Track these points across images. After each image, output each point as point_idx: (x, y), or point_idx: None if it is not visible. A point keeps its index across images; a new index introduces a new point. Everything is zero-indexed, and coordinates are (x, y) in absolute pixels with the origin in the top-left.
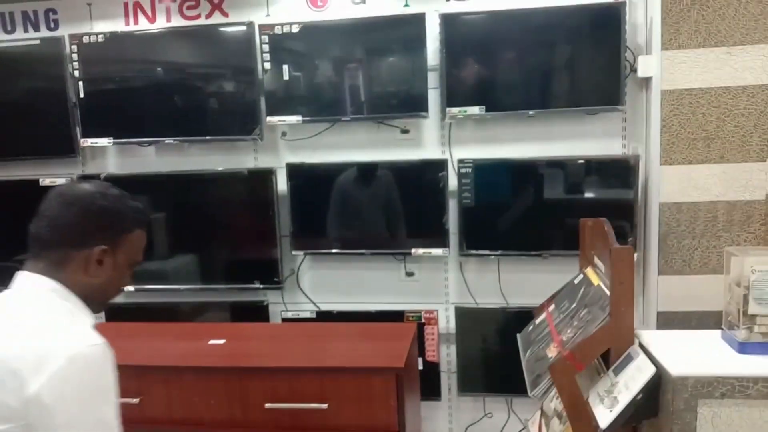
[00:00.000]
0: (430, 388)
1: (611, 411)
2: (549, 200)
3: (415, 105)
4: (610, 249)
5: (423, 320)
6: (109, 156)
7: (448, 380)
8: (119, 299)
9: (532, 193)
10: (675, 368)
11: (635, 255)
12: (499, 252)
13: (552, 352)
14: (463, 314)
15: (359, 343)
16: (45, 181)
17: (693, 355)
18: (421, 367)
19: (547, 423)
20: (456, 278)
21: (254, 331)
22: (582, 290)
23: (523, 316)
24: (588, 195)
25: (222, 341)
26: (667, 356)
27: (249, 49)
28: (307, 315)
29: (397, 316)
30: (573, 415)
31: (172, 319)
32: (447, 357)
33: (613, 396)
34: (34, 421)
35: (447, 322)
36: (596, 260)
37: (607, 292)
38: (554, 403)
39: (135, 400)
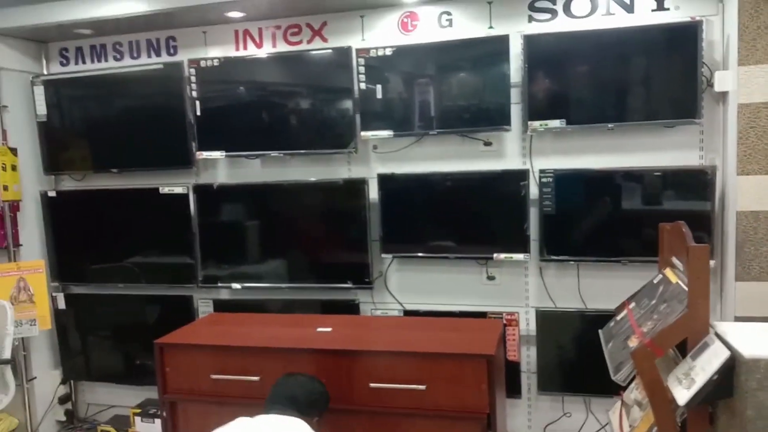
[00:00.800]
0: (511, 387)
1: (688, 390)
2: (627, 209)
3: (498, 119)
4: (688, 247)
5: (504, 321)
6: (220, 167)
7: (527, 380)
8: (225, 295)
9: (610, 202)
10: (748, 351)
11: (712, 262)
12: (578, 258)
13: (633, 342)
14: (543, 317)
15: (451, 333)
16: (164, 189)
17: (765, 341)
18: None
19: (627, 412)
20: (536, 282)
21: (355, 321)
22: (661, 288)
23: (601, 320)
24: (666, 205)
25: (329, 329)
26: (741, 342)
27: (346, 71)
28: (395, 314)
29: (479, 317)
30: (653, 397)
31: None
32: (527, 357)
33: (691, 378)
34: None
35: (527, 324)
36: (675, 261)
37: (685, 288)
38: (634, 393)
39: (256, 378)
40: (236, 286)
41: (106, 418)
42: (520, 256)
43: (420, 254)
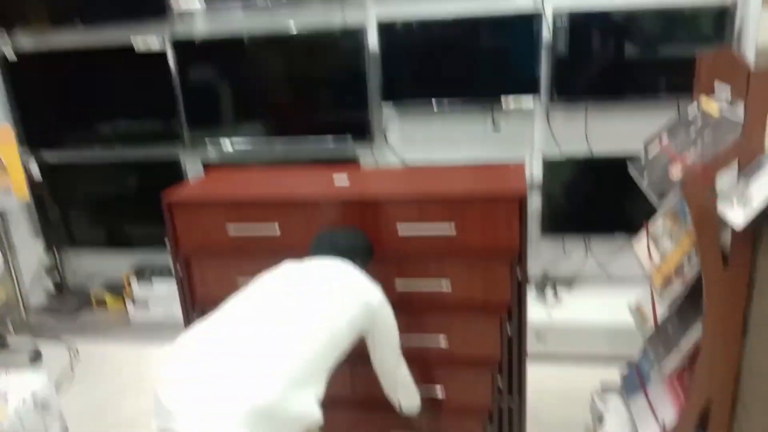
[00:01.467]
0: None
1: (743, 211)
2: (640, 50)
3: None
4: (749, 72)
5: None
6: (198, 20)
7: (530, 224)
8: (215, 156)
9: (624, 42)
10: None
11: None
12: (587, 100)
13: (676, 169)
14: (548, 164)
15: (475, 178)
16: (140, 47)
17: None
18: None
19: (655, 242)
20: (542, 129)
21: (371, 171)
22: (701, 122)
23: (607, 164)
24: (683, 43)
25: (345, 177)
26: None
27: None
28: None
29: None
30: (701, 227)
31: None
32: (531, 204)
33: (746, 198)
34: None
35: (532, 172)
36: (717, 91)
37: (733, 119)
38: (662, 223)
39: (276, 230)
40: (227, 143)
41: (96, 285)
42: (528, 99)
43: (423, 102)
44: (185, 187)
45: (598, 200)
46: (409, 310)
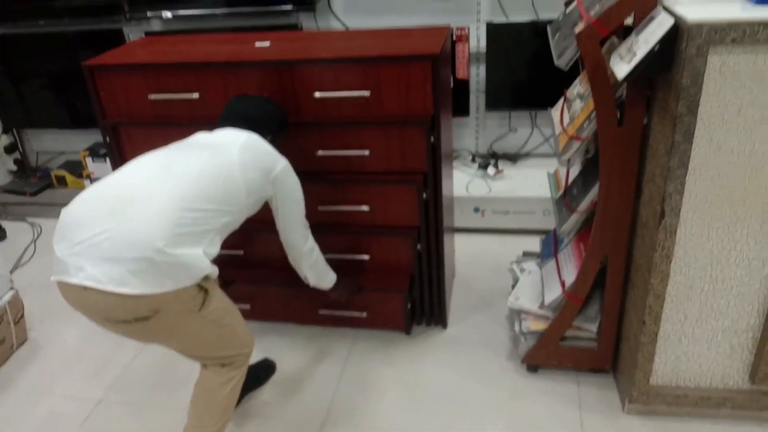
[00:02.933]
0: (460, 106)
1: (629, 64)
2: None
3: None
4: None
5: (454, 37)
6: None
7: (476, 99)
8: (157, 26)
9: None
10: (691, 16)
11: None
12: None
13: (580, 27)
14: (493, 30)
15: (397, 40)
16: None
17: (711, 8)
18: (451, 85)
19: (568, 106)
20: None
21: (295, 35)
22: None
23: None
24: None
25: (267, 43)
26: (687, 11)
27: None
28: None
29: None
30: (594, 78)
31: None
32: (476, 77)
33: (633, 52)
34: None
35: (477, 41)
36: None
37: None
38: (577, 88)
39: (195, 95)
40: (167, 14)
41: (57, 164)
42: None
43: None
44: (109, 53)
45: (545, 70)
46: (330, 180)
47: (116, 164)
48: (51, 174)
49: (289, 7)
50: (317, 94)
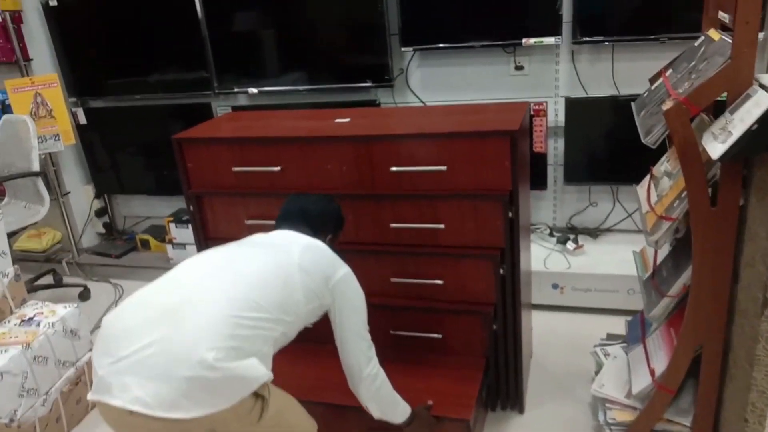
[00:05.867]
0: (537, 179)
1: (724, 144)
2: None
3: None
4: None
5: (532, 112)
6: None
7: (554, 172)
8: (243, 101)
9: None
10: None
11: (761, 35)
12: (614, 38)
13: (667, 105)
14: (572, 105)
15: (474, 116)
16: None
17: None
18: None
19: (656, 184)
20: (567, 69)
21: (375, 111)
22: (702, 50)
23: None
24: None
25: (347, 119)
26: None
27: None
28: None
29: None
30: (684, 157)
31: None
32: (554, 150)
33: (728, 131)
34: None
35: (556, 115)
36: (721, 15)
37: (729, 40)
38: (664, 165)
39: (276, 168)
40: (253, 90)
41: (142, 228)
42: (551, 40)
43: (442, 45)
44: (197, 128)
45: (626, 145)
46: (402, 254)
47: (198, 232)
48: (136, 237)
49: (368, 83)
50: (393, 169)
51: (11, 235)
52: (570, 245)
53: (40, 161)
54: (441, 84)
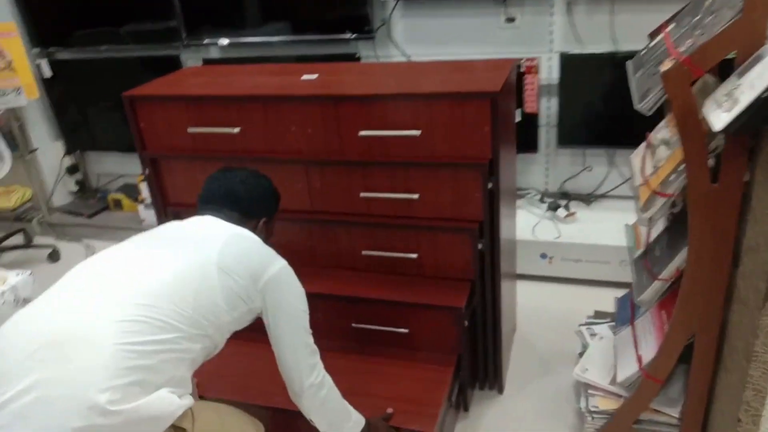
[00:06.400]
0: (528, 141)
1: (729, 113)
2: None
3: None
4: None
5: (523, 69)
6: None
7: (546, 134)
8: (215, 54)
9: None
10: None
11: None
12: None
13: (667, 66)
14: (568, 61)
15: (456, 74)
16: None
17: None
18: (519, 118)
19: (652, 153)
20: (562, 22)
21: (346, 67)
22: (709, 0)
23: None
24: None
25: (314, 76)
26: None
27: None
28: None
29: None
30: (684, 127)
31: None
32: (547, 110)
33: (734, 98)
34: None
35: (549, 72)
36: None
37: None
38: (662, 132)
39: (235, 130)
40: (224, 41)
41: (116, 187)
42: None
43: None
44: (152, 83)
45: (625, 106)
46: (375, 225)
47: (156, 199)
48: (108, 197)
49: (347, 35)
50: (362, 133)
51: None
52: (561, 212)
53: (2, 116)
54: (426, 37)
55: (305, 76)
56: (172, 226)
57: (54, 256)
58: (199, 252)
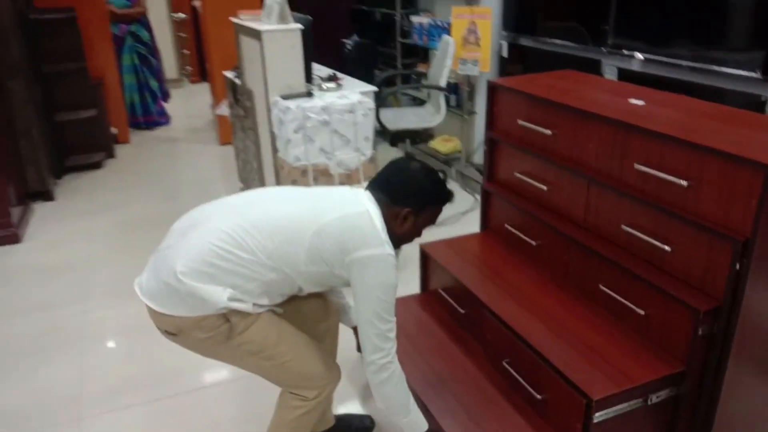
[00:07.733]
0: None
1: None
2: None
3: None
4: None
5: None
6: None
7: None
8: (634, 66)
9: None
10: None
11: None
12: None
13: None
14: None
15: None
16: None
17: None
18: None
19: None
20: None
21: (684, 102)
22: None
23: None
24: None
25: (641, 102)
26: None
27: None
28: None
29: None
30: None
31: None
32: None
33: None
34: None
35: None
36: None
37: None
38: None
39: (548, 132)
40: (639, 56)
41: None
42: None
43: None
44: (517, 77)
45: None
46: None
47: (485, 173)
48: None
49: (755, 74)
50: (636, 166)
51: (426, 135)
52: None
53: (459, 80)
54: None
55: (632, 100)
56: (329, 188)
57: None
58: (315, 213)
